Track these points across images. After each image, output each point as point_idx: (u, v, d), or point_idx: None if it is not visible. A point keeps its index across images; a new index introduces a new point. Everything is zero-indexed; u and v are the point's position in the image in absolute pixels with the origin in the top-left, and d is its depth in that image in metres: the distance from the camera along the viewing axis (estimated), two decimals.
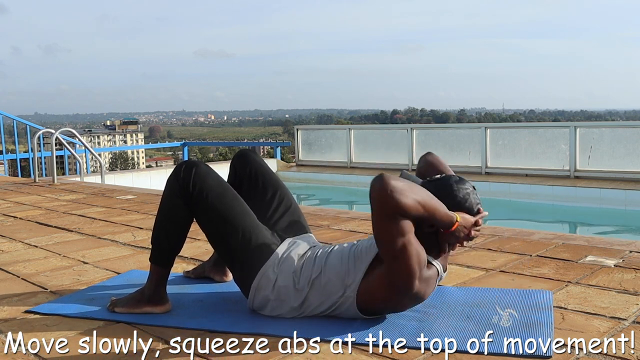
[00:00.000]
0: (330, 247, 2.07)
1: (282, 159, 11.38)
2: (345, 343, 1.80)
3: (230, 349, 1.80)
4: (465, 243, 1.94)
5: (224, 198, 2.07)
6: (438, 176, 1.97)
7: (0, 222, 4.26)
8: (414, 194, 1.73)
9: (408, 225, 1.75)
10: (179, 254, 2.22)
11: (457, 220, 1.84)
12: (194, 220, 2.13)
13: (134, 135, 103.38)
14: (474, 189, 1.95)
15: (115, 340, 1.90)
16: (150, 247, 2.18)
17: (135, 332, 1.96)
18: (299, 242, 2.14)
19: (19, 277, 2.72)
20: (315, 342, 1.82)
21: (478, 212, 1.92)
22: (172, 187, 2.10)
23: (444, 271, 1.97)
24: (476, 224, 1.90)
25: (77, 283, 2.59)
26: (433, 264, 1.89)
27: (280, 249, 2.08)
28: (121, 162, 77.13)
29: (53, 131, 7.43)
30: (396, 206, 1.70)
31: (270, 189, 2.31)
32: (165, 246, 2.13)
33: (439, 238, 1.88)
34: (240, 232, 2.04)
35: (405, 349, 1.74)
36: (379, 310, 1.93)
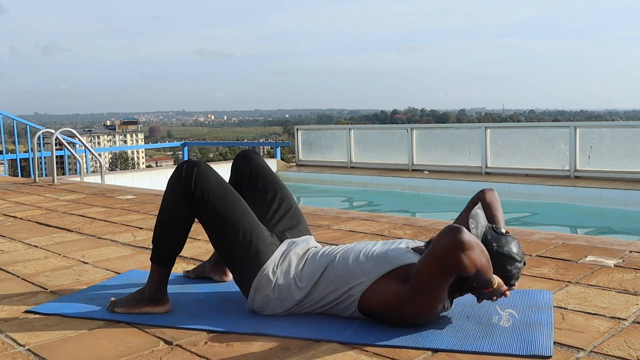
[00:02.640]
0: (340, 246, 2.09)
1: (282, 159, 11.38)
2: (345, 343, 1.80)
3: (230, 349, 1.80)
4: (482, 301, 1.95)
5: (224, 198, 2.08)
6: (504, 231, 1.96)
7: (0, 222, 4.26)
8: (478, 260, 1.73)
9: (452, 278, 1.78)
10: (180, 254, 2.22)
11: (493, 286, 1.85)
12: (195, 220, 2.13)
13: (134, 135, 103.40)
14: (524, 264, 1.96)
15: (115, 340, 1.90)
16: (151, 247, 2.18)
17: (135, 332, 1.96)
18: (298, 242, 2.15)
19: (19, 277, 2.72)
20: (316, 342, 1.82)
21: (512, 284, 1.93)
22: (174, 186, 2.10)
23: (450, 305, 1.98)
24: (504, 294, 1.91)
25: (77, 283, 2.59)
26: (444, 302, 1.90)
27: (280, 250, 2.09)
28: (121, 162, 77.14)
29: (53, 131, 7.43)
30: (458, 267, 1.71)
31: (271, 190, 2.31)
32: (166, 246, 2.14)
33: (466, 285, 1.89)
34: (241, 232, 2.05)
35: (405, 349, 1.74)
36: (376, 316, 1.94)
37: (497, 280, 1.85)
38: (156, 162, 71.79)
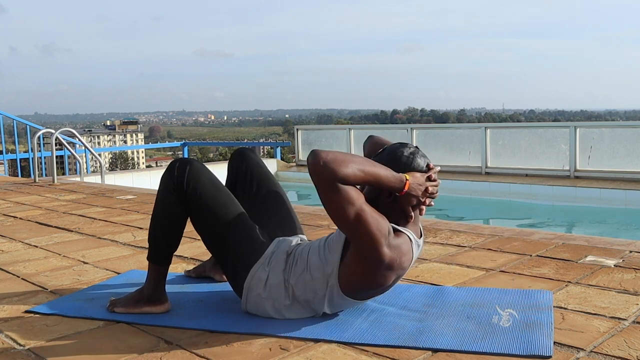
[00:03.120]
0: (310, 243, 2.07)
1: (282, 159, 11.38)
2: (345, 343, 1.80)
3: (230, 349, 1.80)
4: (429, 201, 1.92)
5: (216, 197, 2.07)
6: (381, 150, 1.97)
7: (0, 222, 4.26)
8: (349, 162, 1.73)
9: (354, 193, 1.75)
10: (179, 254, 2.22)
11: (407, 180, 1.83)
12: (189, 219, 2.13)
13: (134, 135, 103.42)
14: (418, 148, 1.95)
15: (115, 340, 1.90)
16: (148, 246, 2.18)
17: (135, 332, 1.96)
18: (287, 240, 2.13)
19: (19, 277, 2.72)
20: (315, 342, 1.82)
21: (428, 167, 1.92)
22: (166, 184, 2.10)
23: (420, 237, 1.97)
24: (429, 178, 1.90)
25: (77, 283, 2.59)
26: (401, 231, 1.87)
27: (270, 249, 2.08)
28: (121, 162, 77.15)
29: (53, 131, 7.43)
30: (333, 175, 1.70)
31: (264, 189, 2.31)
32: (161, 244, 2.13)
33: (400, 204, 1.88)
34: (232, 232, 2.04)
35: (405, 349, 1.74)
36: (364, 291, 1.92)
37: (407, 175, 1.84)
38: (156, 162, 71.80)
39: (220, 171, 2.19)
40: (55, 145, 7.21)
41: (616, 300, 2.11)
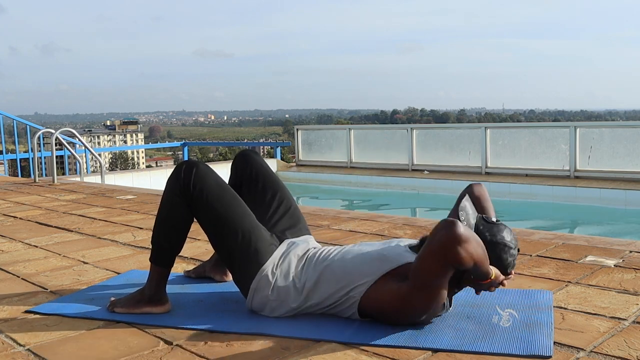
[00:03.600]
0: (337, 248, 2.08)
1: (282, 159, 11.38)
2: (345, 343, 1.80)
3: (230, 349, 1.80)
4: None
5: (223, 199, 2.07)
6: (494, 220, 1.96)
7: (0, 222, 4.26)
8: (475, 252, 1.73)
9: (451, 272, 1.78)
10: (180, 254, 2.22)
11: (491, 277, 1.85)
12: (195, 220, 2.13)
13: (134, 135, 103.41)
14: (518, 251, 1.95)
15: (115, 340, 1.90)
16: (150, 247, 2.18)
17: (135, 332, 1.96)
18: (298, 243, 2.15)
19: (19, 277, 2.72)
20: (315, 342, 1.82)
21: (509, 273, 1.93)
22: (173, 187, 2.10)
23: (450, 305, 1.98)
24: (502, 283, 1.90)
25: (77, 283, 2.59)
26: (444, 298, 1.89)
27: (279, 250, 2.09)
28: (121, 162, 77.14)
29: (53, 131, 7.43)
30: (456, 260, 1.72)
31: (270, 190, 2.31)
32: (165, 246, 2.13)
33: (464, 278, 1.89)
34: (240, 233, 2.04)
35: (405, 349, 1.74)
36: (376, 317, 1.93)
37: (494, 270, 1.84)
38: (156, 162, 71.81)
39: (220, 171, 2.19)
40: (55, 145, 7.21)
41: (616, 300, 2.11)
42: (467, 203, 1.97)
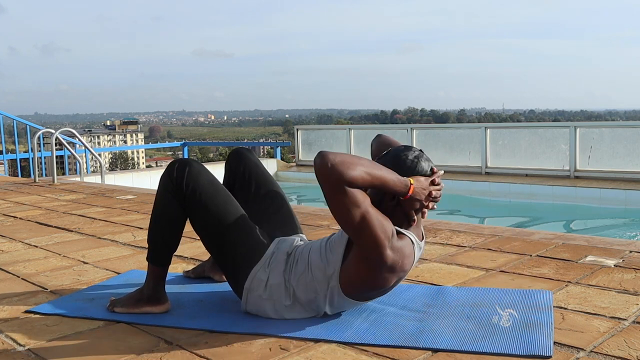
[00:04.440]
0: (310, 243, 2.07)
1: (282, 159, 11.37)
2: (345, 343, 1.80)
3: (230, 349, 1.80)
4: (432, 205, 1.93)
5: (215, 198, 2.07)
6: (386, 151, 1.97)
7: (0, 222, 4.26)
8: (357, 164, 1.73)
9: (360, 196, 1.75)
10: (179, 254, 2.22)
11: (411, 184, 1.84)
12: (188, 219, 2.13)
13: (134, 135, 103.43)
14: (422, 151, 1.95)
15: (115, 340, 1.90)
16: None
17: (135, 332, 1.96)
18: (287, 240, 2.13)
19: (19, 277, 2.72)
20: (315, 342, 1.82)
21: (432, 171, 1.92)
22: (165, 185, 2.10)
23: (422, 240, 1.97)
24: (433, 182, 1.90)
25: (77, 283, 2.59)
26: (404, 234, 1.88)
27: (270, 249, 2.08)
28: (121, 162, 77.16)
29: (53, 131, 7.42)
30: (340, 177, 1.70)
31: (263, 188, 2.30)
32: (161, 245, 2.13)
33: (403, 207, 1.88)
34: (232, 232, 2.04)
35: (405, 349, 1.74)
36: (365, 292, 1.93)
37: (412, 178, 1.84)
38: (156, 162, 71.80)
39: (220, 171, 2.19)
40: (55, 145, 7.21)
41: (616, 300, 2.11)
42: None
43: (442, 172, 1.98)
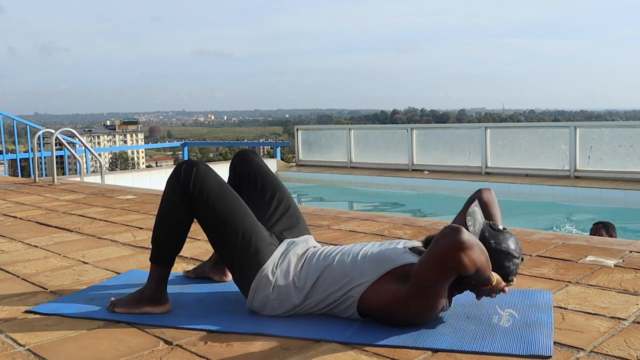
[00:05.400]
0: (330, 248, 2.08)
1: (282, 159, 11.38)
2: (345, 343, 1.80)
3: (230, 349, 1.80)
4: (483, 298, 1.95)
5: (223, 199, 2.07)
6: (501, 228, 1.96)
7: (0, 222, 4.26)
8: (477, 259, 1.73)
9: (452, 278, 1.79)
10: (180, 254, 2.22)
11: (492, 284, 1.85)
12: (195, 220, 2.13)
13: (134, 135, 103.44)
14: (522, 260, 1.96)
15: (115, 340, 1.90)
16: (151, 247, 2.18)
17: (135, 332, 1.96)
18: (298, 242, 2.15)
19: (19, 277, 2.72)
20: (315, 342, 1.82)
21: (510, 280, 1.94)
22: (173, 187, 2.10)
23: (450, 305, 1.99)
24: (503, 290, 1.91)
25: (77, 283, 2.59)
26: (444, 301, 1.90)
27: (279, 250, 2.09)
28: (121, 162, 77.16)
29: (53, 131, 7.42)
30: (458, 267, 1.72)
31: (270, 190, 2.31)
32: (165, 246, 2.13)
33: (465, 283, 1.89)
34: (240, 233, 2.04)
35: (405, 349, 1.74)
36: (374, 316, 1.93)
37: (495, 277, 1.85)
38: (156, 162, 71.82)
39: (220, 171, 2.19)
40: (55, 145, 7.21)
41: (616, 300, 2.11)
42: (476, 209, 1.98)
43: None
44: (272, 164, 10.44)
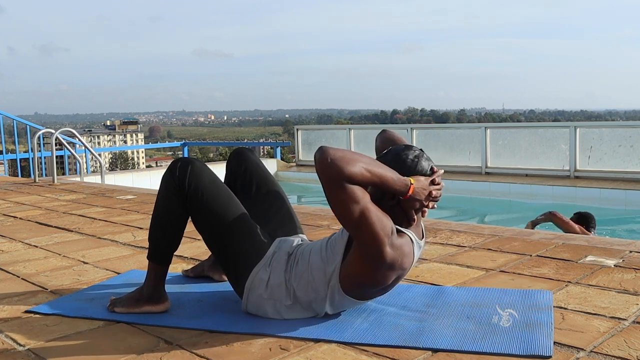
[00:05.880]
0: (312, 244, 2.07)
1: (282, 159, 11.37)
2: (345, 343, 1.80)
3: (230, 349, 1.80)
4: (432, 205, 1.92)
5: (218, 197, 2.07)
6: (386, 150, 1.97)
7: (0, 222, 4.26)
8: (357, 161, 1.73)
9: (359, 192, 1.75)
10: (179, 254, 2.22)
11: (411, 184, 1.84)
12: (190, 218, 2.13)
13: (134, 135, 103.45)
14: (422, 151, 1.95)
15: (115, 340, 1.90)
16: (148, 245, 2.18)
17: (135, 332, 1.96)
18: (288, 240, 2.13)
19: (19, 277, 2.72)
20: (315, 342, 1.82)
21: (432, 171, 1.92)
22: (168, 184, 2.10)
23: (421, 238, 1.97)
24: (433, 182, 1.90)
25: (77, 283, 2.59)
26: (404, 232, 1.88)
27: (271, 249, 2.08)
28: (121, 162, 77.17)
29: (53, 131, 7.42)
30: (339, 173, 1.71)
31: (264, 188, 2.31)
32: (162, 244, 2.13)
33: (403, 207, 1.88)
34: (234, 232, 2.04)
35: (405, 349, 1.74)
36: (364, 289, 1.92)
37: (412, 178, 1.84)
38: (156, 162, 71.81)
39: (220, 171, 2.19)
40: (55, 145, 7.21)
41: (616, 300, 2.11)
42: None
43: (442, 171, 1.98)
44: (272, 164, 10.44)
